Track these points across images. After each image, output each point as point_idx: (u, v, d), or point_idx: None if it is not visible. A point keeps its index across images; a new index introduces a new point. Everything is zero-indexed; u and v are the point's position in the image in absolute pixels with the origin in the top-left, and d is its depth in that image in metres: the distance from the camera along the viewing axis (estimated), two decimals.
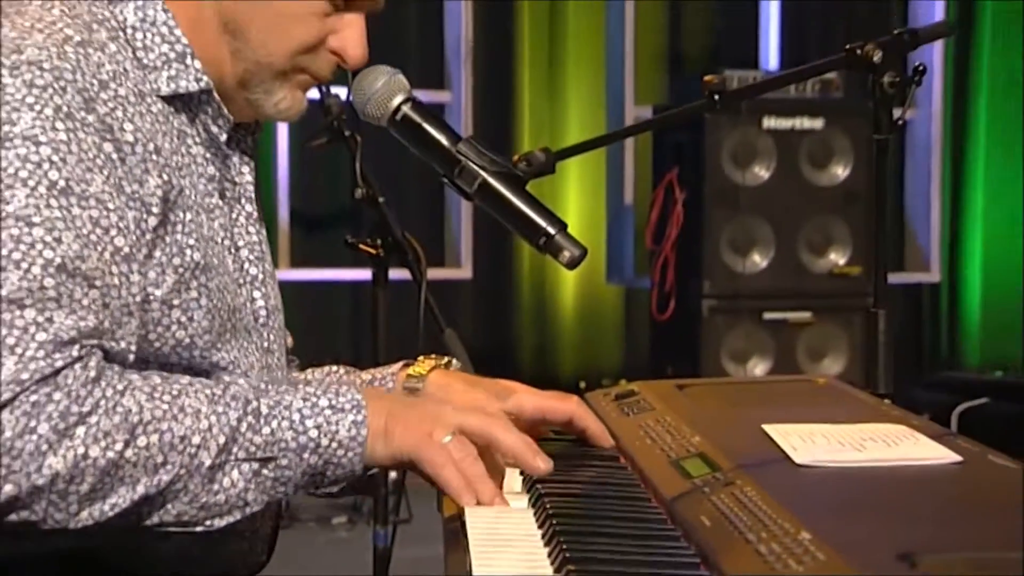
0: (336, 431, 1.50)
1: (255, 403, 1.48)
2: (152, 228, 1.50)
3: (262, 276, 1.69)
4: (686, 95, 5.34)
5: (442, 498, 1.56)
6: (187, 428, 1.44)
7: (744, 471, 1.44)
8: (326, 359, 1.97)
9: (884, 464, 1.50)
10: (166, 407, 1.44)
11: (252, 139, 1.71)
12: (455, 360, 1.82)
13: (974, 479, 1.47)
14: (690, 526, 1.32)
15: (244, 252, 1.68)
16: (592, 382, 5.86)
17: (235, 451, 1.46)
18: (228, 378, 1.53)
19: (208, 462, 1.45)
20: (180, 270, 1.53)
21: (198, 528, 1.48)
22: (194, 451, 1.44)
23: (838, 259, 5.40)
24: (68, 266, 1.40)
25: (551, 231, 1.72)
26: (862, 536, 1.21)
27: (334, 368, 1.85)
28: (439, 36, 6.10)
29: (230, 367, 1.59)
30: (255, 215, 1.70)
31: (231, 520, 1.49)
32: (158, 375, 1.47)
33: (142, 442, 1.41)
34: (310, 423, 1.49)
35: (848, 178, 5.38)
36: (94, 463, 1.39)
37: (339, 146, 3.02)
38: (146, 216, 1.49)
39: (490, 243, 6.03)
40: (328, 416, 1.50)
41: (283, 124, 5.74)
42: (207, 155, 1.62)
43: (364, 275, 3.04)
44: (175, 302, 1.53)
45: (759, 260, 5.35)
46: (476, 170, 1.72)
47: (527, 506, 1.49)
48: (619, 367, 6.19)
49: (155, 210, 1.50)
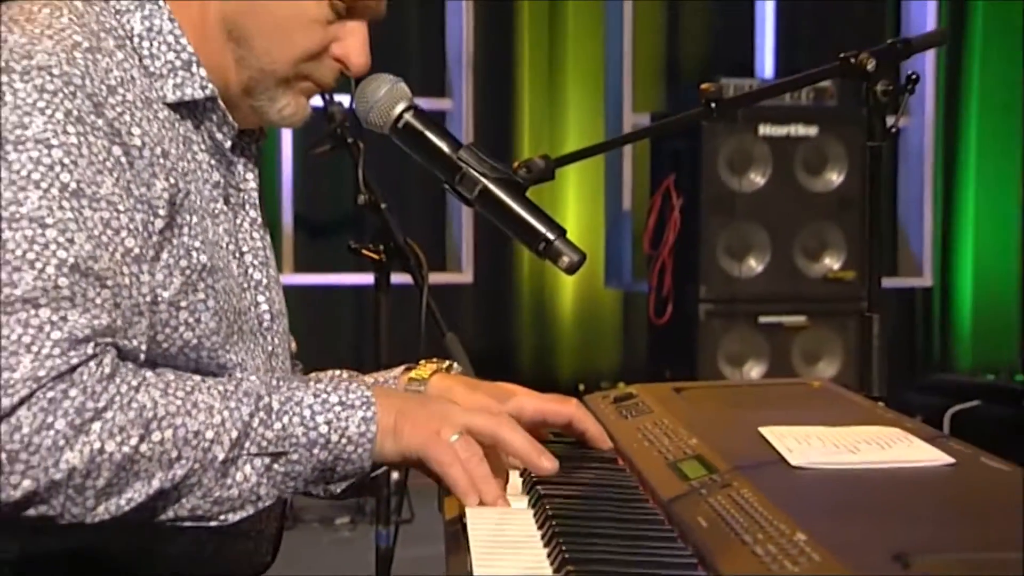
0: (346, 427, 1.50)
1: (267, 399, 1.48)
2: (159, 230, 1.50)
3: (266, 281, 1.69)
4: (683, 103, 5.33)
5: (443, 499, 1.56)
6: (200, 423, 1.44)
7: (740, 473, 1.44)
8: (329, 362, 1.97)
9: (878, 466, 1.50)
10: (180, 403, 1.44)
11: (256, 146, 1.71)
12: (456, 364, 1.82)
13: (967, 481, 1.47)
14: (687, 527, 1.32)
15: (248, 257, 1.68)
16: (591, 385, 5.85)
17: (247, 446, 1.46)
18: (240, 375, 1.53)
19: (221, 457, 1.45)
20: (187, 272, 1.53)
21: (212, 523, 1.47)
22: (207, 446, 1.44)
23: (832, 264, 5.40)
24: (81, 266, 1.41)
25: (550, 237, 1.71)
26: (857, 537, 1.21)
27: (338, 373, 1.85)
28: (440, 45, 6.10)
29: (237, 369, 1.59)
30: (259, 221, 1.70)
31: (244, 514, 1.48)
32: (172, 372, 1.48)
33: (156, 437, 1.41)
34: (320, 419, 1.49)
35: (842, 184, 5.38)
36: (110, 458, 1.39)
37: (342, 153, 3.02)
38: (153, 218, 1.50)
39: (490, 248, 6.03)
40: (338, 412, 1.50)
41: (287, 131, 5.74)
42: (212, 161, 1.62)
43: (367, 280, 3.03)
44: (182, 303, 1.53)
45: (755, 265, 5.35)
46: (477, 177, 1.72)
47: (527, 507, 1.49)
48: (617, 370, 6.19)
49: (162, 212, 1.50)
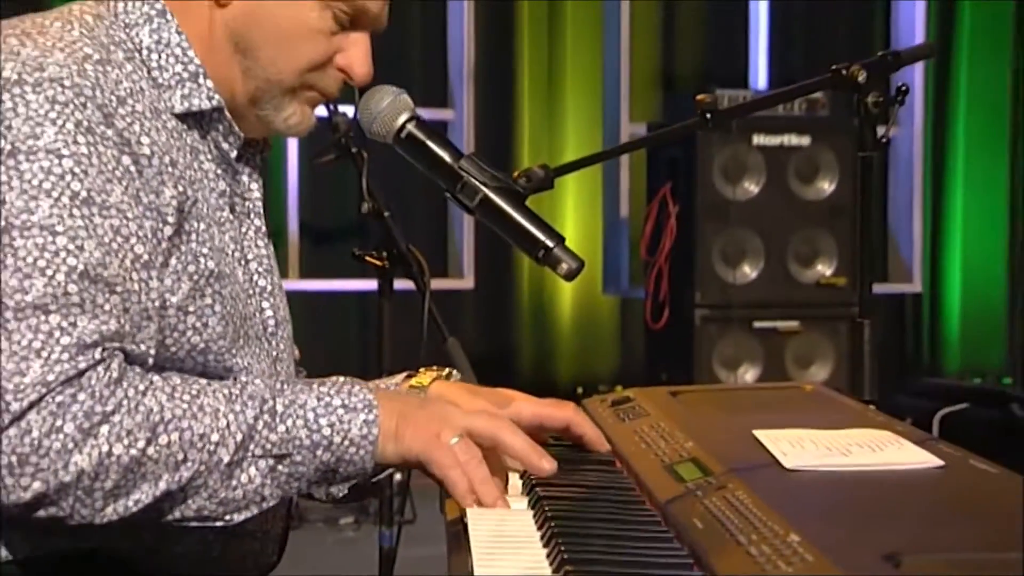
0: (348, 429, 1.50)
1: (271, 402, 1.48)
2: (168, 237, 1.50)
3: (271, 288, 1.70)
4: (679, 113, 5.34)
5: (445, 500, 1.56)
6: (206, 426, 1.44)
7: (735, 475, 1.44)
8: (334, 365, 1.97)
9: (870, 468, 1.49)
10: (186, 406, 1.44)
11: (261, 157, 1.71)
12: (456, 372, 1.82)
13: (956, 483, 1.46)
14: (683, 528, 1.32)
15: (253, 264, 1.68)
16: (589, 388, 5.85)
17: (252, 448, 1.46)
18: (245, 378, 1.53)
19: (226, 459, 1.45)
20: (195, 277, 1.53)
21: (217, 523, 1.47)
22: (213, 448, 1.44)
23: (825, 270, 5.40)
24: (90, 273, 1.41)
25: (550, 244, 1.71)
26: (848, 538, 1.21)
27: (341, 379, 1.85)
28: (442, 57, 6.10)
29: (243, 373, 1.59)
30: (263, 229, 1.70)
31: (248, 514, 1.49)
32: (178, 376, 1.48)
33: (163, 440, 1.42)
34: (324, 421, 1.49)
35: (834, 193, 5.38)
36: (118, 460, 1.39)
37: (346, 162, 3.02)
38: (162, 225, 1.50)
39: (491, 255, 6.03)
40: (341, 415, 1.50)
41: (293, 141, 5.75)
42: (218, 171, 1.62)
43: (370, 286, 3.03)
44: (190, 308, 1.53)
45: (749, 271, 5.35)
46: (477, 186, 1.72)
47: (527, 508, 1.49)
48: (615, 374, 6.19)
49: (171, 220, 1.50)
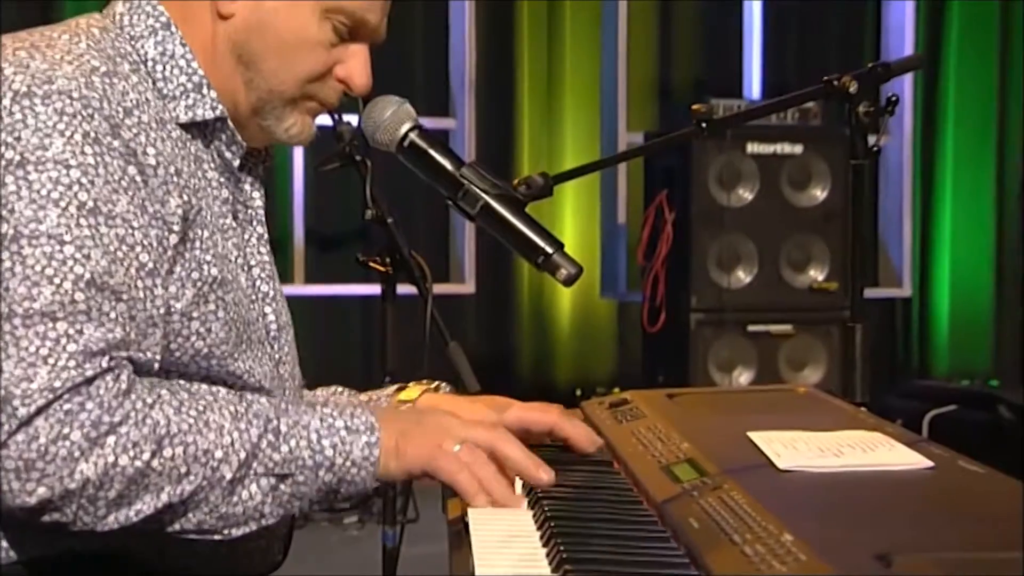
0: (350, 451, 1.50)
1: (275, 422, 1.48)
2: (173, 245, 1.50)
3: (272, 293, 1.69)
4: (675, 123, 5.34)
5: (446, 500, 1.56)
6: (211, 442, 1.44)
7: (730, 476, 1.43)
8: (337, 368, 1.97)
9: (861, 469, 1.49)
10: (192, 421, 1.43)
11: (263, 167, 1.71)
12: (444, 384, 1.82)
13: (945, 483, 1.46)
14: (679, 528, 1.31)
15: (256, 270, 1.68)
16: (587, 390, 5.86)
17: (255, 466, 1.46)
18: (251, 396, 1.53)
19: (229, 475, 1.44)
20: (199, 284, 1.53)
21: (216, 536, 1.47)
22: (216, 464, 1.44)
23: (817, 275, 5.39)
24: (97, 281, 1.40)
25: (549, 250, 1.71)
26: (841, 537, 1.21)
27: (338, 389, 1.86)
28: (444, 67, 6.11)
29: (245, 376, 1.58)
30: (265, 236, 1.70)
31: (247, 530, 1.48)
32: (186, 391, 1.47)
33: (168, 453, 1.41)
34: (326, 442, 1.49)
35: (826, 200, 5.38)
36: (122, 471, 1.38)
37: (350, 170, 3.01)
38: (167, 234, 1.49)
39: (492, 261, 6.03)
40: (343, 436, 1.50)
41: (298, 149, 5.74)
42: (221, 179, 1.62)
43: (374, 290, 3.02)
44: (194, 314, 1.52)
45: (743, 276, 5.34)
46: (479, 193, 1.71)
47: (526, 508, 1.49)
48: (613, 376, 6.18)
49: (176, 228, 1.50)
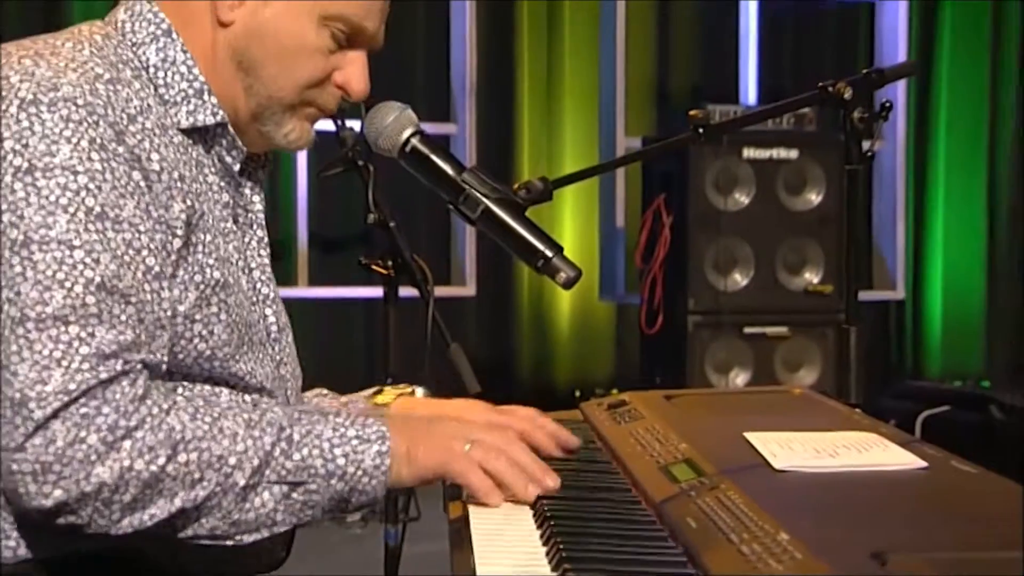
0: (362, 460, 1.49)
1: (288, 430, 1.48)
2: (176, 249, 1.50)
3: (272, 295, 1.70)
4: (672, 128, 5.35)
5: (448, 500, 1.56)
6: (224, 449, 1.43)
7: (727, 476, 1.43)
8: (340, 369, 1.97)
9: (856, 469, 1.49)
10: (207, 427, 1.43)
11: (263, 172, 1.71)
12: (419, 388, 1.82)
13: (939, 483, 1.46)
14: (677, 527, 1.31)
15: (256, 273, 1.68)
16: (586, 392, 5.85)
17: (267, 474, 1.46)
18: (265, 404, 1.53)
19: (242, 482, 1.44)
20: (201, 287, 1.52)
21: (228, 542, 1.47)
22: (230, 471, 1.44)
23: (812, 278, 5.39)
24: (107, 284, 1.40)
25: (549, 254, 1.71)
26: (836, 537, 1.21)
27: (322, 391, 1.87)
28: (445, 73, 6.10)
29: (248, 377, 1.58)
30: (265, 240, 1.70)
31: (259, 536, 1.49)
32: (201, 397, 1.47)
33: (182, 459, 1.41)
34: (338, 451, 1.49)
35: (821, 204, 5.37)
36: (138, 475, 1.39)
37: (353, 175, 3.00)
38: (171, 238, 1.49)
39: (492, 264, 6.02)
40: (355, 446, 1.49)
41: (302, 155, 5.74)
42: (222, 183, 1.62)
43: (376, 293, 3.02)
44: (197, 317, 1.52)
45: (740, 279, 5.34)
46: (479, 197, 1.71)
47: (527, 508, 1.48)
48: (611, 377, 6.18)
49: (179, 233, 1.50)
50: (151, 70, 1.57)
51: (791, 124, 5.44)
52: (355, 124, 3.02)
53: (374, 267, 2.91)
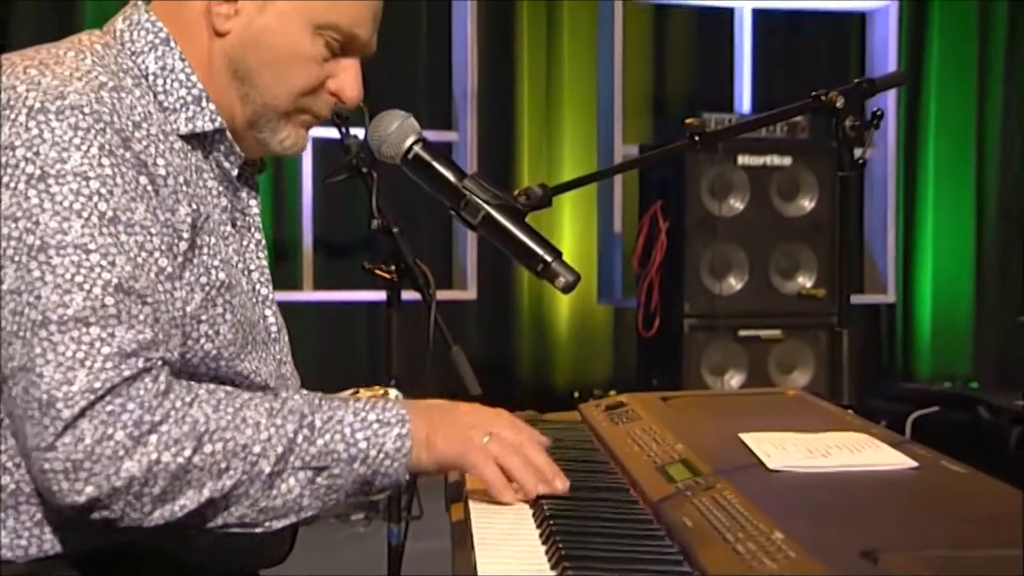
0: (383, 443, 1.49)
1: (310, 417, 1.48)
2: (183, 251, 1.50)
3: (271, 296, 1.70)
4: (669, 135, 5.35)
5: (450, 501, 1.55)
6: (248, 438, 1.44)
7: (723, 476, 1.43)
8: (345, 371, 1.97)
9: (848, 469, 1.49)
10: (230, 418, 1.44)
11: (257, 175, 1.71)
12: (392, 391, 1.82)
13: (929, 483, 1.46)
14: (674, 526, 1.31)
15: (255, 275, 1.68)
16: (585, 393, 5.85)
17: (292, 460, 1.46)
18: (285, 393, 1.53)
19: (268, 469, 1.45)
20: (207, 288, 1.52)
21: (257, 529, 1.47)
22: (255, 459, 1.44)
23: (805, 282, 5.39)
24: (124, 285, 1.41)
25: (548, 259, 1.71)
26: (829, 536, 1.20)
27: (303, 392, 1.86)
28: (447, 82, 6.10)
29: (252, 375, 1.58)
30: (263, 242, 1.70)
31: (287, 522, 1.49)
32: (222, 390, 1.47)
33: (208, 449, 1.41)
34: (360, 436, 1.49)
35: (814, 210, 5.38)
36: (166, 468, 1.39)
37: (357, 181, 3.01)
38: (178, 241, 1.49)
39: (493, 268, 6.02)
40: (376, 429, 1.49)
41: (307, 162, 5.75)
42: (220, 188, 1.62)
43: (379, 297, 3.02)
44: (203, 317, 1.52)
45: (734, 283, 5.34)
46: (480, 204, 1.71)
47: (527, 508, 1.48)
48: (609, 379, 6.18)
49: (185, 235, 1.50)
50: (151, 78, 1.57)
51: (784, 132, 5.44)
52: (359, 132, 3.03)
53: (377, 271, 2.91)
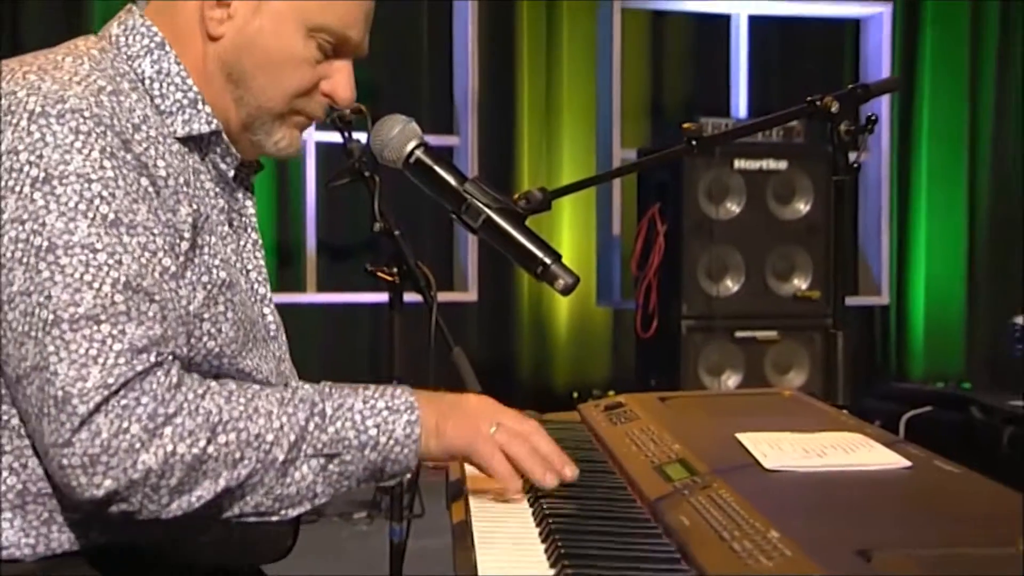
0: (393, 430, 1.49)
1: (320, 405, 1.48)
2: (184, 251, 1.50)
3: (268, 295, 1.69)
4: (667, 140, 5.35)
5: (451, 500, 1.55)
6: (261, 427, 1.44)
7: (719, 475, 1.43)
8: (347, 372, 1.96)
9: (843, 469, 1.49)
10: (242, 408, 1.44)
11: (252, 177, 1.71)
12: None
13: (922, 482, 1.46)
14: (671, 525, 1.31)
15: (253, 274, 1.68)
16: (584, 393, 5.86)
17: (304, 448, 1.46)
18: (295, 383, 1.53)
19: (281, 457, 1.45)
20: (209, 287, 1.52)
21: (274, 518, 1.48)
22: (268, 448, 1.44)
23: (800, 284, 5.39)
24: (132, 283, 1.41)
25: (547, 261, 1.70)
26: (824, 534, 1.20)
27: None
28: (448, 88, 6.11)
29: (253, 373, 1.58)
30: (260, 242, 1.70)
31: (302, 510, 1.49)
32: (233, 382, 1.47)
33: (222, 440, 1.41)
34: (370, 423, 1.49)
35: (809, 213, 5.38)
36: (181, 459, 1.39)
37: (360, 185, 3.01)
38: (179, 241, 1.49)
39: (493, 271, 6.02)
40: (386, 416, 1.50)
41: (311, 166, 5.75)
42: (217, 189, 1.62)
43: (382, 298, 3.02)
44: (205, 316, 1.52)
45: (731, 285, 5.34)
46: (481, 207, 1.71)
47: (526, 506, 1.48)
48: (608, 380, 6.18)
49: (186, 235, 1.50)
50: (147, 82, 1.56)
51: (780, 136, 5.44)
52: (362, 137, 3.03)
53: (380, 274, 2.91)
